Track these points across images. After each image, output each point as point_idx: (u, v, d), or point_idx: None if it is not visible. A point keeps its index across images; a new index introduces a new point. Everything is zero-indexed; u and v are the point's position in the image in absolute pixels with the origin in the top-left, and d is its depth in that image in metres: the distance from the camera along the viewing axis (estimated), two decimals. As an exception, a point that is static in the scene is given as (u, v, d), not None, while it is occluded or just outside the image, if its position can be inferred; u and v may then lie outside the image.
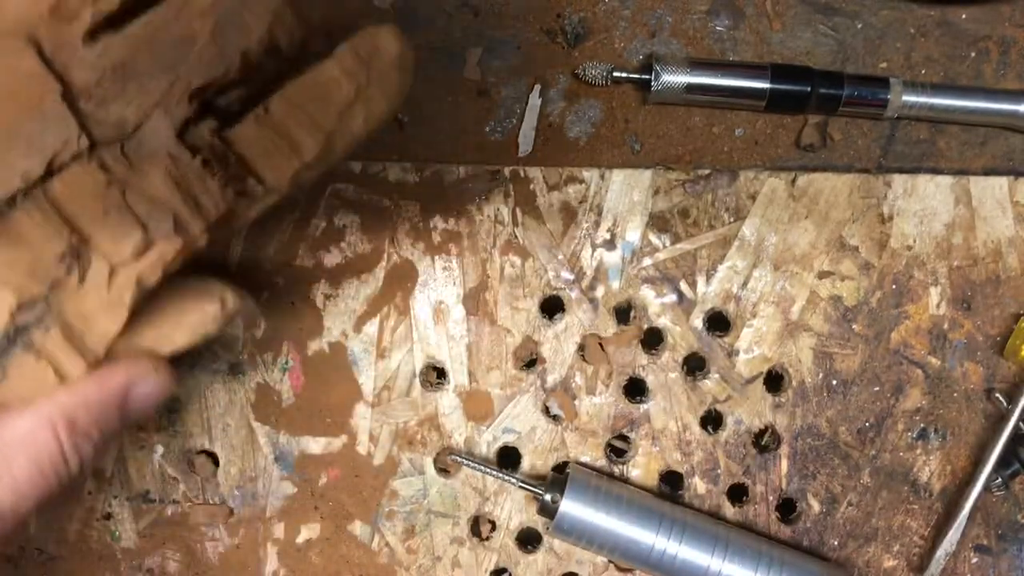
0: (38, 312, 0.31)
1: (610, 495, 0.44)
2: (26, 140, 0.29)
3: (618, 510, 0.44)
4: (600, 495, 0.44)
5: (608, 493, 0.44)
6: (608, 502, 0.44)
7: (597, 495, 0.44)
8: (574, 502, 0.44)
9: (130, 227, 0.31)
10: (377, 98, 0.33)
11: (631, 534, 0.44)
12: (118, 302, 0.31)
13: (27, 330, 0.31)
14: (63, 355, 0.32)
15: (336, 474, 0.48)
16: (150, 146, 0.31)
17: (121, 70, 0.30)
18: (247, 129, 0.32)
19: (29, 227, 0.30)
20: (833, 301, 0.48)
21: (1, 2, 0.30)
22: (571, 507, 0.44)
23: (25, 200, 0.30)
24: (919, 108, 0.47)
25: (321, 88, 0.33)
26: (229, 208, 0.32)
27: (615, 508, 0.44)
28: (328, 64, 0.33)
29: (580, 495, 0.44)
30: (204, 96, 0.32)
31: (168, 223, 0.31)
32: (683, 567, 0.44)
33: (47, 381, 0.32)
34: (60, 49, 0.30)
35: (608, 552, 0.45)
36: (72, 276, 0.31)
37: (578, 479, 0.45)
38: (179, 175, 0.31)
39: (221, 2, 0.31)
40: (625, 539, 0.44)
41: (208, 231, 0.32)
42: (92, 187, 0.30)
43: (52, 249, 0.30)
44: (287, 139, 0.32)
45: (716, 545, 0.44)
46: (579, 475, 0.45)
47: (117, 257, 0.31)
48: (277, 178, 0.33)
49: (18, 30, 0.30)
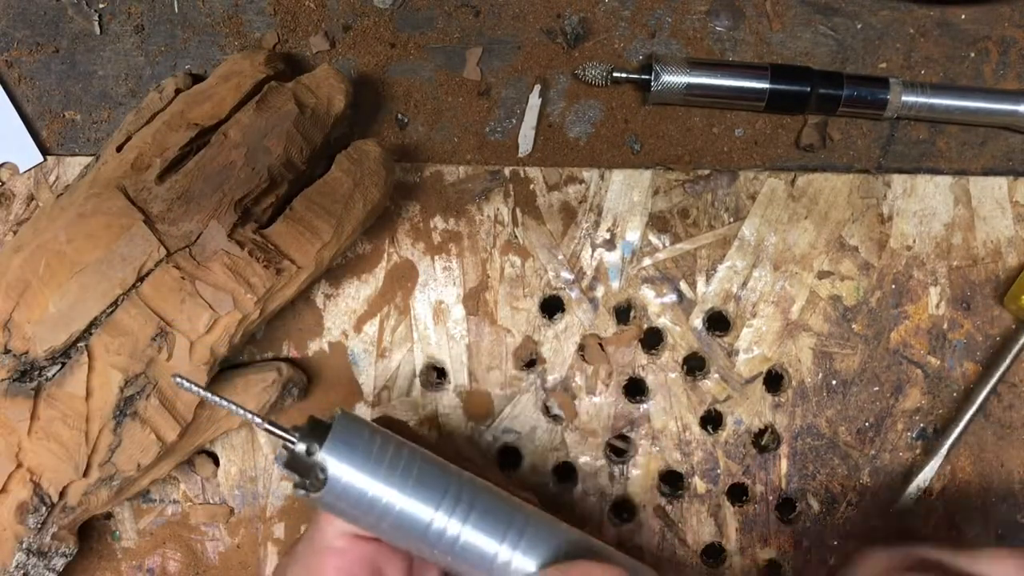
0: (140, 385, 0.40)
1: (384, 451, 0.34)
2: (121, 257, 0.40)
3: (392, 473, 0.33)
4: (372, 452, 0.33)
5: (383, 448, 0.34)
6: (380, 461, 0.33)
7: (369, 451, 0.33)
8: (338, 458, 0.33)
9: (202, 309, 0.40)
10: (371, 188, 0.43)
11: (404, 506, 0.33)
12: (199, 371, 0.41)
13: (133, 402, 0.40)
14: (161, 420, 0.41)
15: (336, 474, 0.48)
16: (210, 247, 0.41)
17: (184, 197, 0.41)
18: (279, 226, 0.42)
19: (127, 320, 0.40)
20: (833, 301, 0.48)
21: (100, 166, 0.43)
22: (335, 465, 0.33)
23: (124, 301, 0.40)
24: (919, 108, 0.47)
25: (328, 186, 0.43)
26: (272, 284, 0.41)
27: (389, 470, 0.33)
28: (332, 168, 0.43)
29: (347, 449, 0.33)
30: (244, 204, 0.41)
31: (229, 302, 0.41)
32: (464, 551, 0.34)
33: (151, 445, 0.41)
34: (140, 190, 0.41)
35: (372, 526, 0.34)
36: (163, 353, 0.40)
37: (344, 427, 0.34)
38: (233, 265, 0.41)
39: (249, 135, 0.41)
40: (396, 512, 0.33)
41: (258, 305, 0.41)
42: (171, 284, 0.40)
43: (146, 334, 0.40)
44: (308, 227, 0.42)
45: (510, 528, 0.35)
46: (346, 423, 0.34)
47: (194, 334, 0.41)
48: (303, 257, 0.42)
49: (110, 182, 0.41)
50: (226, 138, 0.41)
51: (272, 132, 0.41)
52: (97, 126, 0.48)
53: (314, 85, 0.43)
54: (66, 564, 0.42)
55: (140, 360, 0.40)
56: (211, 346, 0.41)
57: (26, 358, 0.40)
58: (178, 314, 0.40)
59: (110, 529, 0.48)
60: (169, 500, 0.48)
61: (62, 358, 0.40)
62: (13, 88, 0.48)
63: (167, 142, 0.42)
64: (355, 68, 0.48)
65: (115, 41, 0.49)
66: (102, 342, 0.40)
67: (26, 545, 0.41)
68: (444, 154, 0.49)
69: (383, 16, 0.49)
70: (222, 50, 0.49)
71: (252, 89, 0.43)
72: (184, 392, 0.41)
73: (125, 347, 0.40)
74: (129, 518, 0.48)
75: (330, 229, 0.42)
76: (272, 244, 0.42)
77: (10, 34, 0.48)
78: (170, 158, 0.41)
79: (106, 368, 0.40)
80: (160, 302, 0.40)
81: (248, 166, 0.41)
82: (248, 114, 0.42)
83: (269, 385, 0.45)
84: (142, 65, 0.48)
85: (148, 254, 0.40)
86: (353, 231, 0.43)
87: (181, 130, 0.42)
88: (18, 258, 0.40)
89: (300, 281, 0.42)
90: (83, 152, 0.48)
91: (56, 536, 0.41)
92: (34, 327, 0.40)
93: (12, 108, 0.48)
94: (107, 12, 0.49)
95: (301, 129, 0.42)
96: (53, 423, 0.40)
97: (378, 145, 0.44)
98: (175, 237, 0.41)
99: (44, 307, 0.40)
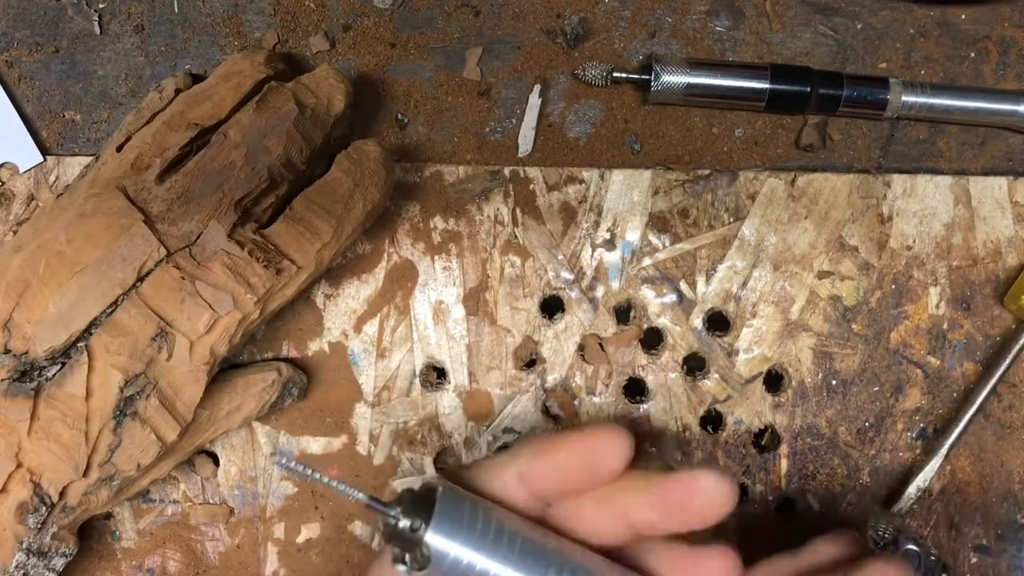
0: (139, 385, 0.40)
1: (488, 525, 0.30)
2: (121, 257, 0.40)
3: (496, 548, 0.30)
4: (476, 525, 0.30)
5: (487, 522, 0.31)
6: (485, 536, 0.30)
7: (473, 527, 0.30)
8: (444, 535, 0.30)
9: (202, 310, 0.40)
10: (371, 188, 0.43)
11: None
12: (199, 371, 0.41)
13: (133, 402, 0.40)
14: (161, 420, 0.41)
15: (336, 474, 0.48)
16: (210, 247, 0.41)
17: (184, 197, 0.41)
18: (279, 226, 0.42)
19: (127, 320, 0.40)
20: (833, 301, 0.48)
21: (100, 166, 0.42)
22: (441, 542, 0.30)
23: (124, 301, 0.40)
24: (919, 108, 0.47)
25: (328, 186, 0.42)
26: (272, 284, 0.41)
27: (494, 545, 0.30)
28: (332, 168, 0.43)
29: (452, 526, 0.30)
30: (244, 204, 0.41)
31: (229, 302, 0.40)
32: None
33: (150, 445, 0.41)
34: (140, 190, 0.41)
35: None
36: (162, 353, 0.40)
37: (448, 503, 0.30)
38: (233, 265, 0.40)
39: (249, 135, 0.41)
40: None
41: (258, 305, 0.41)
42: (171, 284, 0.40)
43: (146, 334, 0.40)
44: (308, 227, 0.42)
45: None
46: (449, 498, 0.30)
47: (194, 334, 0.40)
48: (303, 257, 0.42)
49: (110, 183, 0.41)
50: (226, 138, 0.41)
51: (272, 132, 0.41)
52: (97, 126, 0.48)
53: (314, 85, 0.43)
54: (66, 564, 0.42)
55: (140, 360, 0.40)
56: (211, 346, 0.41)
57: (26, 358, 0.40)
58: (178, 314, 0.40)
59: (110, 529, 0.48)
60: (169, 500, 0.48)
61: (62, 358, 0.40)
62: (13, 88, 0.48)
63: (167, 142, 0.42)
64: (355, 68, 0.48)
65: (115, 41, 0.49)
66: (102, 342, 0.40)
67: (26, 545, 0.41)
68: (444, 154, 0.49)
69: (383, 16, 0.49)
70: (222, 50, 0.49)
71: (252, 89, 0.43)
72: (184, 392, 0.41)
73: (125, 347, 0.40)
74: (129, 518, 0.48)
75: (330, 229, 0.42)
76: (272, 244, 0.42)
77: (10, 34, 0.48)
78: (170, 158, 0.41)
79: (106, 368, 0.40)
80: (160, 302, 0.40)
81: (248, 166, 0.41)
82: (248, 114, 0.42)
83: (269, 385, 0.45)
84: (142, 65, 0.48)
85: (148, 254, 0.40)
86: (353, 231, 0.43)
87: (181, 130, 0.42)
88: (18, 258, 0.40)
89: (300, 281, 0.42)
90: (83, 152, 0.48)
91: (56, 536, 0.41)
92: (34, 327, 0.40)
93: (12, 108, 0.48)
94: (107, 12, 0.49)
95: (301, 129, 0.42)
96: (53, 423, 0.40)
97: (378, 145, 0.44)
98: (175, 237, 0.41)
99: (44, 307, 0.40)
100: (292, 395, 0.46)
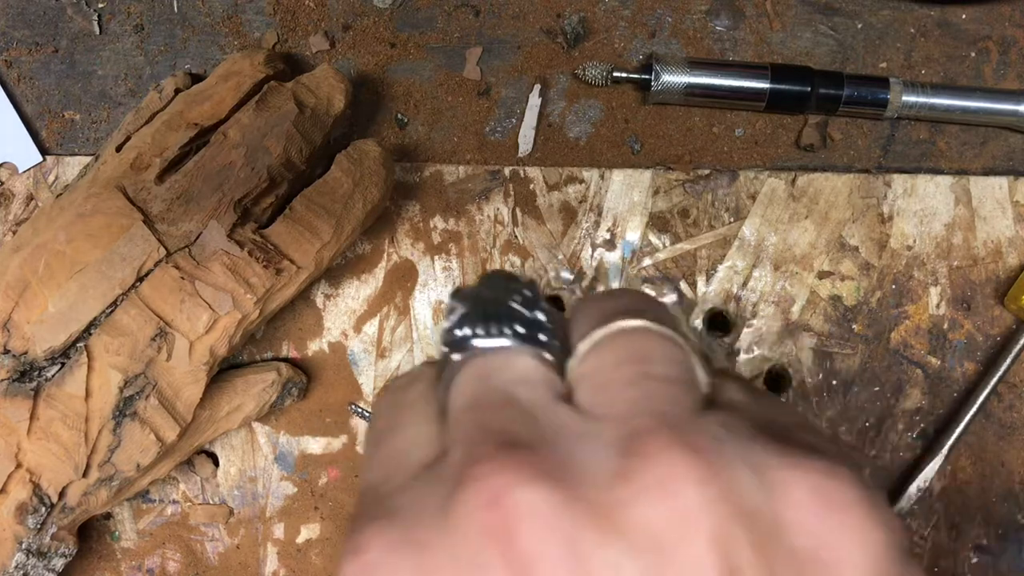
0: (139, 386, 0.40)
1: None
2: (120, 257, 0.40)
3: None
4: None
5: None
6: None
7: None
8: None
9: (201, 310, 0.40)
10: (371, 188, 0.43)
11: None
12: (198, 371, 0.41)
13: (132, 402, 0.40)
14: (161, 420, 0.41)
15: (336, 474, 0.48)
16: (209, 247, 0.40)
17: (184, 197, 0.41)
18: (279, 226, 0.42)
19: (127, 321, 0.40)
20: (833, 301, 0.48)
21: (99, 166, 0.42)
22: None
23: (123, 301, 0.40)
24: (919, 108, 0.47)
25: (328, 186, 0.42)
26: (272, 284, 0.41)
27: None
28: (332, 168, 0.43)
29: None
30: (244, 204, 0.41)
31: (228, 302, 0.40)
32: None
33: (150, 445, 0.41)
34: (139, 190, 0.41)
35: None
36: (162, 354, 0.40)
37: None
38: (232, 265, 0.40)
39: (248, 135, 0.41)
40: None
41: (258, 305, 0.41)
42: (170, 284, 0.40)
43: (145, 334, 0.40)
44: (308, 227, 0.42)
45: None
46: None
47: (194, 334, 0.40)
48: (303, 257, 0.42)
49: (110, 182, 0.41)
50: (226, 138, 0.41)
51: (272, 132, 0.41)
52: (96, 126, 0.48)
53: (314, 85, 0.43)
54: (66, 564, 0.42)
55: (140, 360, 0.40)
56: (211, 346, 0.41)
57: (25, 358, 0.40)
58: (178, 314, 0.40)
59: (110, 529, 0.47)
60: (169, 500, 0.48)
61: (61, 358, 0.40)
62: (12, 88, 0.48)
63: (166, 142, 0.41)
64: (355, 68, 0.48)
65: (115, 41, 0.48)
66: (102, 342, 0.40)
67: (25, 545, 0.41)
68: (444, 154, 0.48)
69: (383, 16, 0.49)
70: (222, 50, 0.49)
71: (252, 89, 0.43)
72: (183, 392, 0.41)
73: (125, 347, 0.40)
74: (129, 518, 0.47)
75: (330, 229, 0.42)
76: (272, 244, 0.42)
77: (9, 34, 0.48)
78: (169, 158, 0.41)
79: (105, 368, 0.40)
80: (160, 302, 0.40)
81: (248, 166, 0.41)
82: (248, 114, 0.42)
83: (269, 385, 0.45)
84: (142, 65, 0.48)
85: (148, 254, 0.40)
86: (353, 231, 0.43)
87: (181, 130, 0.42)
88: (17, 258, 0.40)
89: (300, 281, 0.42)
90: (82, 152, 0.48)
91: (56, 536, 0.41)
92: (34, 327, 0.40)
93: (11, 108, 0.48)
94: (107, 12, 0.48)
95: (301, 129, 0.42)
96: (52, 423, 0.40)
97: (378, 145, 0.44)
98: (175, 237, 0.41)
99: (43, 307, 0.40)
100: (292, 395, 0.46)
